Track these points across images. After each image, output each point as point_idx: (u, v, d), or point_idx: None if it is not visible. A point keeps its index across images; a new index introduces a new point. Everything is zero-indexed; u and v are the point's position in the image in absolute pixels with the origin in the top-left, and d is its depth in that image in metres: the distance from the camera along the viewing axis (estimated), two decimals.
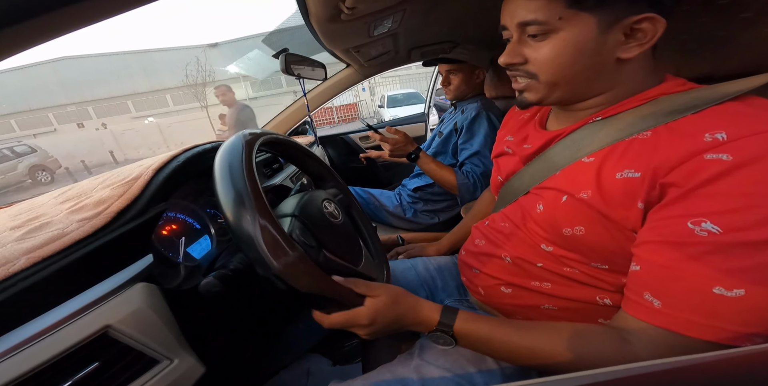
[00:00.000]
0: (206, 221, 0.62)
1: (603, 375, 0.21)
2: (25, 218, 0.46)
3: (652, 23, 0.36)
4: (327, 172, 0.68)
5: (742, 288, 0.29)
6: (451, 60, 1.15)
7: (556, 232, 0.44)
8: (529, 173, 0.51)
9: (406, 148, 1.03)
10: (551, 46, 0.39)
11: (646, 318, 0.34)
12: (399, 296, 0.46)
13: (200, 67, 15.28)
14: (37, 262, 0.36)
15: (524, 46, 0.42)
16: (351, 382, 0.49)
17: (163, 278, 0.46)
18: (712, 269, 0.30)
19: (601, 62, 0.40)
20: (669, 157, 0.34)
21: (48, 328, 0.34)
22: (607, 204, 0.38)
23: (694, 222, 0.31)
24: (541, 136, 0.51)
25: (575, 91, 0.43)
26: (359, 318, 0.43)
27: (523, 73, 0.43)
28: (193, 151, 0.58)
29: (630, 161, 0.37)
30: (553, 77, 0.41)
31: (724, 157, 0.31)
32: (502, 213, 0.56)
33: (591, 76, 0.41)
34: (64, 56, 17.57)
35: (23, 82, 17.05)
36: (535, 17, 0.39)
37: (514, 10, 0.41)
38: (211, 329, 0.53)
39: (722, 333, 0.30)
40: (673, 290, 0.32)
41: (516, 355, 0.42)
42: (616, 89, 0.42)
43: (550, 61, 0.40)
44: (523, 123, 0.60)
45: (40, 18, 0.26)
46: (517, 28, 0.41)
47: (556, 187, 0.45)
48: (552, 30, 0.39)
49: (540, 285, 0.49)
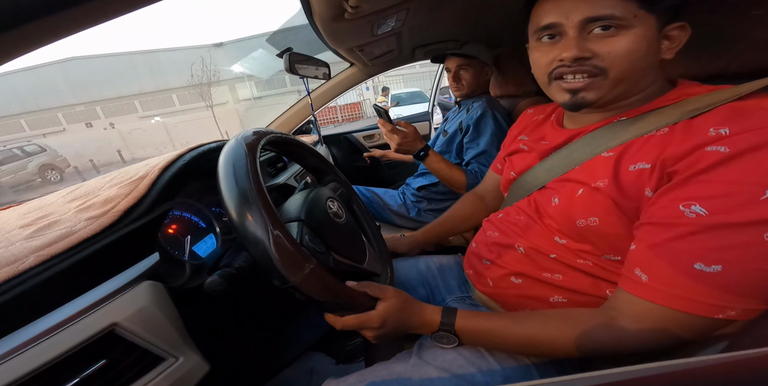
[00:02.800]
0: (211, 220, 0.63)
1: (606, 377, 0.20)
2: (33, 216, 0.47)
3: (683, 30, 0.42)
4: (325, 165, 0.67)
5: (719, 265, 0.32)
6: (464, 54, 1.13)
7: (569, 224, 0.46)
8: (545, 168, 0.53)
9: (414, 144, 0.99)
10: (627, 41, 0.40)
11: (634, 291, 0.37)
12: (406, 300, 0.48)
13: (205, 66, 15.40)
14: (45, 260, 0.37)
15: (588, 42, 0.41)
16: (347, 378, 0.49)
17: (168, 276, 0.46)
18: (696, 247, 0.33)
19: (655, 61, 0.43)
20: (677, 150, 0.37)
21: (56, 326, 0.34)
22: (621, 193, 0.40)
23: (686, 205, 0.34)
24: (561, 134, 0.53)
25: (631, 89, 0.44)
26: (371, 321, 0.45)
27: (591, 68, 0.42)
28: (199, 150, 0.59)
29: (644, 155, 0.40)
30: (624, 72, 0.41)
31: (722, 149, 0.34)
32: (516, 206, 0.58)
33: (647, 74, 0.43)
34: (73, 56, 17.80)
35: (33, 82, 17.32)
36: (612, 12, 0.39)
37: (575, 6, 0.41)
38: (215, 327, 0.54)
39: (700, 305, 0.33)
40: (659, 265, 0.36)
41: (517, 346, 0.44)
42: (649, 89, 0.44)
43: (624, 55, 0.40)
44: (537, 123, 0.62)
45: (48, 19, 0.27)
46: (580, 24, 0.41)
47: (574, 179, 0.47)
48: (626, 26, 0.39)
49: (551, 277, 0.49)
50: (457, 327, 0.46)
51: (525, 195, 0.56)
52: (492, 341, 0.46)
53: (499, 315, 0.47)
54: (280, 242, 0.35)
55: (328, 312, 0.47)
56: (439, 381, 0.45)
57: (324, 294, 0.38)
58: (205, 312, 0.51)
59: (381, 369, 0.49)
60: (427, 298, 0.67)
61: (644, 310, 0.37)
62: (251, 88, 19.22)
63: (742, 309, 0.32)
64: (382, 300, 0.46)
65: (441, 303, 0.66)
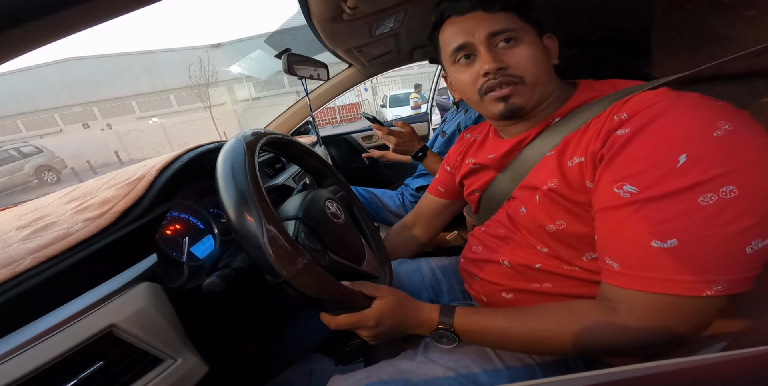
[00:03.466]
0: (209, 221, 0.62)
1: (606, 375, 0.21)
2: (30, 218, 0.46)
3: (552, 40, 0.50)
4: (326, 167, 0.67)
5: (674, 238, 0.32)
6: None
7: (542, 231, 0.46)
8: (507, 177, 0.54)
9: (412, 144, 1.00)
10: (526, 49, 0.46)
11: (613, 281, 0.37)
12: (402, 299, 0.48)
13: (203, 67, 15.36)
14: (42, 262, 0.37)
15: (498, 54, 0.46)
16: (353, 374, 0.49)
17: (166, 277, 0.46)
18: (644, 224, 0.34)
19: (550, 65, 0.49)
20: (598, 140, 0.40)
21: (53, 327, 0.34)
22: (571, 189, 0.42)
23: (618, 186, 0.36)
24: (505, 143, 0.54)
25: (545, 92, 0.48)
26: (366, 320, 0.45)
27: (510, 77, 0.46)
28: (197, 151, 0.59)
29: (576, 149, 0.43)
30: (536, 77, 0.46)
31: (626, 131, 0.37)
32: (494, 219, 0.57)
33: (549, 77, 0.48)
34: (70, 57, 17.71)
35: (29, 83, 17.22)
36: (506, 25, 0.45)
37: (475, 25, 0.46)
38: (214, 328, 0.54)
39: (679, 284, 0.32)
40: (622, 250, 0.36)
41: (518, 343, 0.43)
42: (557, 90, 0.49)
43: (529, 60, 0.45)
44: (479, 144, 0.63)
45: (45, 19, 0.27)
46: (486, 39, 0.46)
47: (530, 186, 0.48)
48: (520, 37, 0.46)
49: (541, 286, 0.49)
50: (456, 326, 0.45)
51: (498, 207, 0.56)
52: (492, 339, 0.45)
53: (498, 312, 0.46)
54: (273, 235, 0.35)
55: (323, 311, 0.46)
56: (445, 380, 0.45)
57: (317, 291, 0.38)
58: (204, 313, 0.51)
59: (387, 366, 0.49)
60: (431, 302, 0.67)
61: (632, 299, 0.36)
62: (249, 89, 19.17)
63: (726, 281, 0.31)
64: (378, 299, 0.46)
65: None
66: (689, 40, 0.44)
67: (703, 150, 0.32)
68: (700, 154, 0.32)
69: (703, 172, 0.31)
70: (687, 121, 0.34)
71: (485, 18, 0.46)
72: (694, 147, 0.32)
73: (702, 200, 0.31)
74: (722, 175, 0.31)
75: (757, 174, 0.31)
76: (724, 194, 0.31)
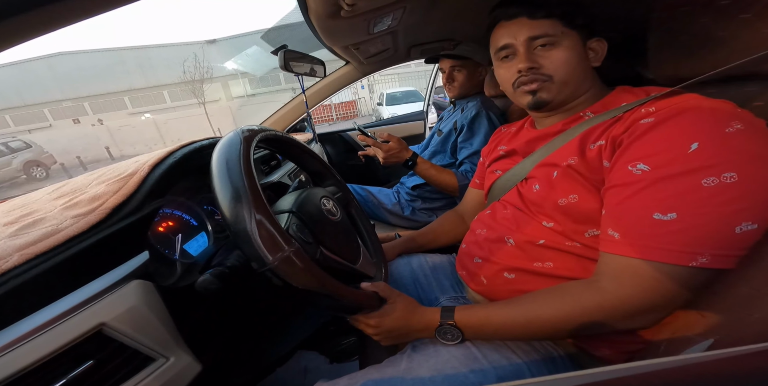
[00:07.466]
0: (203, 218, 0.62)
1: (597, 375, 0.21)
2: (18, 214, 0.45)
3: (600, 43, 0.54)
4: (326, 169, 0.67)
5: (673, 212, 0.37)
6: (457, 56, 1.14)
7: (552, 205, 0.50)
8: (531, 161, 0.58)
9: (400, 155, 1.00)
10: (561, 53, 0.51)
11: (610, 249, 0.41)
12: (410, 303, 0.52)
13: (198, 63, 15.17)
14: (30, 259, 0.36)
15: (534, 56, 0.53)
16: (337, 381, 0.49)
17: (159, 275, 0.45)
18: (650, 199, 0.38)
19: (588, 67, 0.54)
20: (621, 127, 0.45)
21: (41, 326, 0.33)
22: (588, 168, 0.47)
23: (632, 165, 0.40)
24: (537, 133, 0.60)
25: (575, 90, 0.54)
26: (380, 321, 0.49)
27: (540, 76, 0.53)
28: (191, 147, 0.58)
29: (600, 135, 0.48)
30: (566, 76, 0.52)
31: (650, 120, 0.42)
32: (502, 200, 0.62)
33: (583, 77, 0.54)
34: (60, 51, 17.37)
35: (18, 77, 16.85)
36: (546, 31, 0.51)
37: (518, 29, 0.53)
38: (207, 327, 0.53)
39: (670, 253, 0.36)
40: (625, 221, 0.40)
41: (517, 331, 0.46)
42: (592, 90, 0.55)
43: (561, 62, 0.52)
44: (512, 134, 0.69)
45: (35, 11, 0.26)
46: (526, 42, 0.52)
47: (549, 163, 0.53)
48: (558, 42, 0.51)
49: (542, 266, 0.51)
50: (457, 319, 0.48)
51: (511, 187, 0.61)
52: (493, 330, 0.47)
53: (493, 304, 0.50)
54: (260, 220, 0.35)
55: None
56: (431, 383, 0.45)
57: (303, 281, 0.37)
58: (197, 311, 0.50)
59: (372, 372, 0.49)
60: (417, 297, 0.68)
61: (620, 266, 0.40)
62: (245, 86, 18.99)
63: (710, 255, 0.35)
64: (389, 302, 0.50)
65: (433, 302, 0.67)
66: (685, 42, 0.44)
67: (713, 141, 0.36)
68: (710, 144, 0.36)
69: (710, 158, 0.36)
70: (705, 118, 0.38)
71: (528, 24, 0.52)
72: (705, 137, 0.37)
73: (705, 182, 0.35)
74: (726, 162, 0.35)
75: (757, 167, 0.35)
76: (725, 179, 0.35)
